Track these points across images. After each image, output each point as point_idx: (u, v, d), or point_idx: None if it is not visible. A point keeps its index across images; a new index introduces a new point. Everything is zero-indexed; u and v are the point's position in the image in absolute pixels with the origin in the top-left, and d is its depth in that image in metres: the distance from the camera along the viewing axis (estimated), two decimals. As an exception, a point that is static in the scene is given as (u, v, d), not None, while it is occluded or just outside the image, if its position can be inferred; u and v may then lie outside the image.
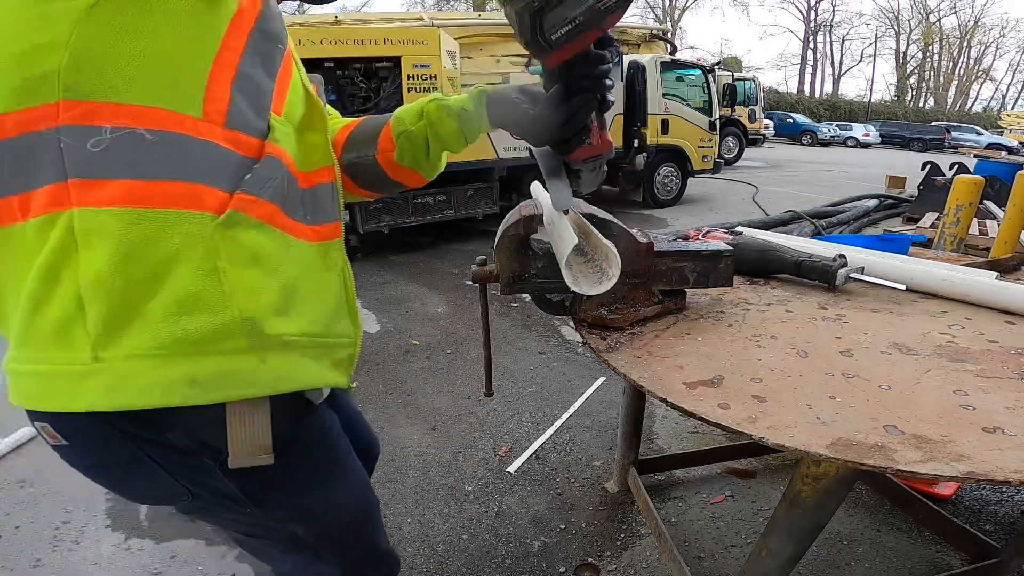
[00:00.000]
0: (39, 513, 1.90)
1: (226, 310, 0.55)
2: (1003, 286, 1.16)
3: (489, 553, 1.67)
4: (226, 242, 0.55)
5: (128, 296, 0.52)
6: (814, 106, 30.31)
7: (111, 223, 0.50)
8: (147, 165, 0.52)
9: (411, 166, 0.83)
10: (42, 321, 0.52)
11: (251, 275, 0.57)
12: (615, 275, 0.97)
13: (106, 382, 0.52)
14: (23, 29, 0.48)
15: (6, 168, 0.51)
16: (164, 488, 0.64)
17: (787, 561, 0.97)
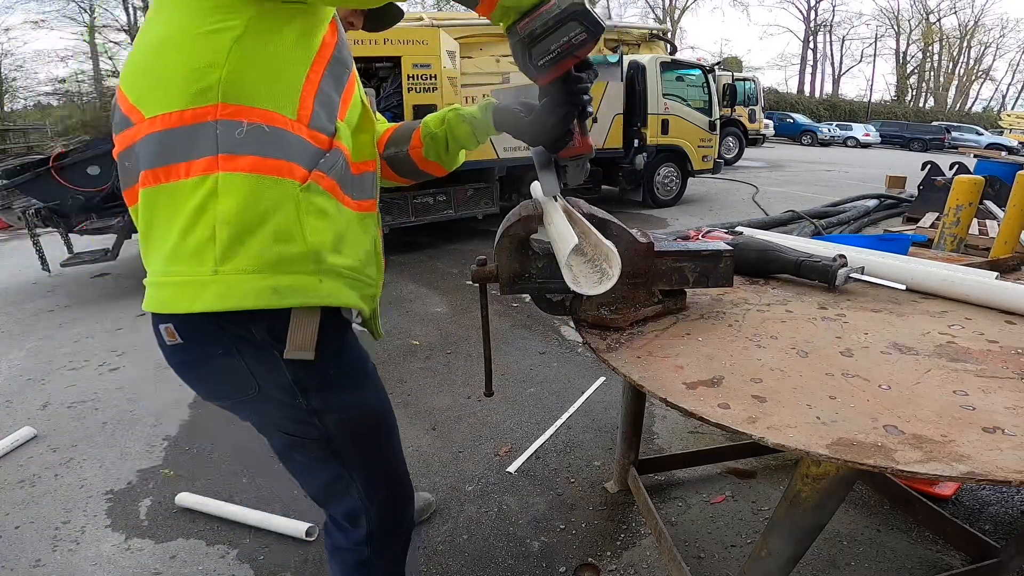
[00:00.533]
0: (39, 513, 1.90)
1: (302, 244, 0.81)
2: (1003, 286, 1.16)
3: (489, 553, 1.67)
4: (305, 201, 0.81)
5: (243, 230, 0.77)
6: (814, 106, 30.31)
7: (240, 183, 0.76)
8: (264, 147, 0.77)
9: (435, 160, 1.09)
10: (186, 244, 0.77)
11: (318, 224, 0.83)
12: (615, 275, 0.97)
13: (219, 290, 0.77)
14: (198, 52, 0.74)
15: (181, 145, 0.76)
16: (239, 381, 0.88)
17: (787, 561, 0.97)
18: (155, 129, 0.76)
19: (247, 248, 0.78)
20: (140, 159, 0.78)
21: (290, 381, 0.87)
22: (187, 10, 0.75)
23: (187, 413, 2.54)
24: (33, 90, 23.05)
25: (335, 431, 0.94)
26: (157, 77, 0.76)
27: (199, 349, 0.85)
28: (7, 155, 11.03)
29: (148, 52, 0.78)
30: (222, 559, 1.68)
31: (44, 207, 4.11)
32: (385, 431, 1.06)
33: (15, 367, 3.12)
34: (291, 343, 0.83)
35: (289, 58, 0.79)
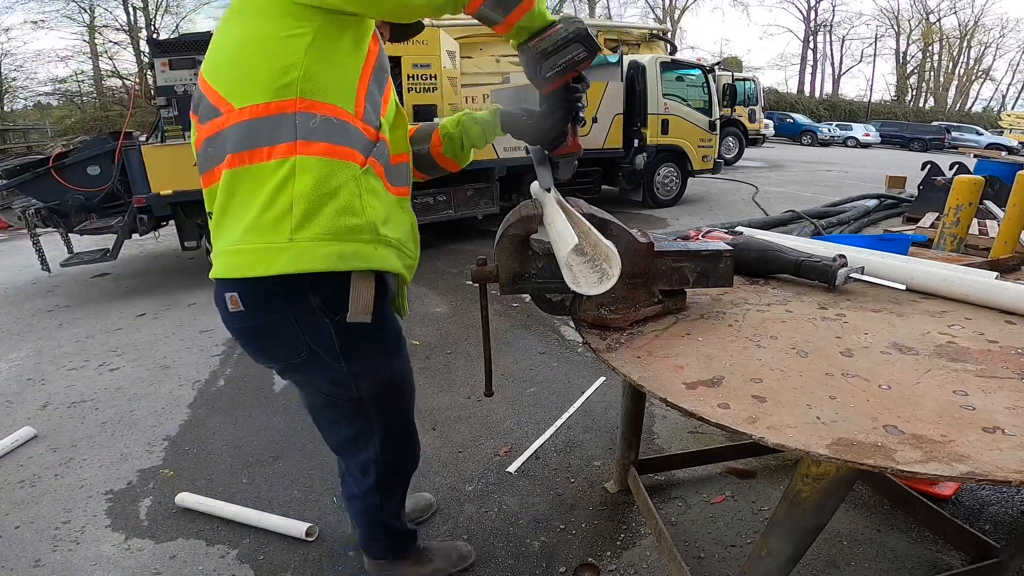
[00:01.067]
0: (39, 513, 1.90)
1: (363, 217, 0.97)
2: (1003, 286, 1.16)
3: (489, 553, 1.67)
4: (364, 182, 0.97)
5: (316, 204, 0.92)
6: (814, 106, 30.30)
7: (314, 165, 0.91)
8: (333, 136, 0.93)
9: (451, 157, 1.27)
10: (265, 217, 0.91)
11: (373, 201, 0.99)
12: (615, 275, 0.97)
13: (293, 255, 0.92)
14: (280, 54, 0.88)
15: (265, 132, 0.90)
16: (292, 346, 1.02)
17: (787, 561, 0.97)
18: (243, 118, 0.90)
19: (318, 220, 0.93)
20: (227, 143, 0.92)
21: (336, 347, 1.03)
22: (268, 18, 0.89)
23: (187, 413, 2.54)
24: (33, 90, 23.07)
25: (367, 393, 1.12)
26: (245, 73, 0.90)
27: (260, 316, 1.00)
28: (7, 155, 11.03)
29: (233, 50, 0.92)
30: (222, 559, 1.68)
31: (44, 207, 4.11)
32: (408, 394, 1.26)
33: (15, 367, 3.12)
34: (352, 308, 1.00)
35: (347, 62, 0.95)
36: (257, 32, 0.89)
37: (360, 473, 1.27)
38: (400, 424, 1.27)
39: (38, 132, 15.67)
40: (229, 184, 0.93)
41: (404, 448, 1.31)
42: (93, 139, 4.97)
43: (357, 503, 1.34)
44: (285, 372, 1.11)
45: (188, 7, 25.23)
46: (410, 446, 1.34)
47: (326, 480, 2.03)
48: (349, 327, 1.01)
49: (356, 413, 1.15)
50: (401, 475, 1.36)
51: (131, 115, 5.38)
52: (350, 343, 1.04)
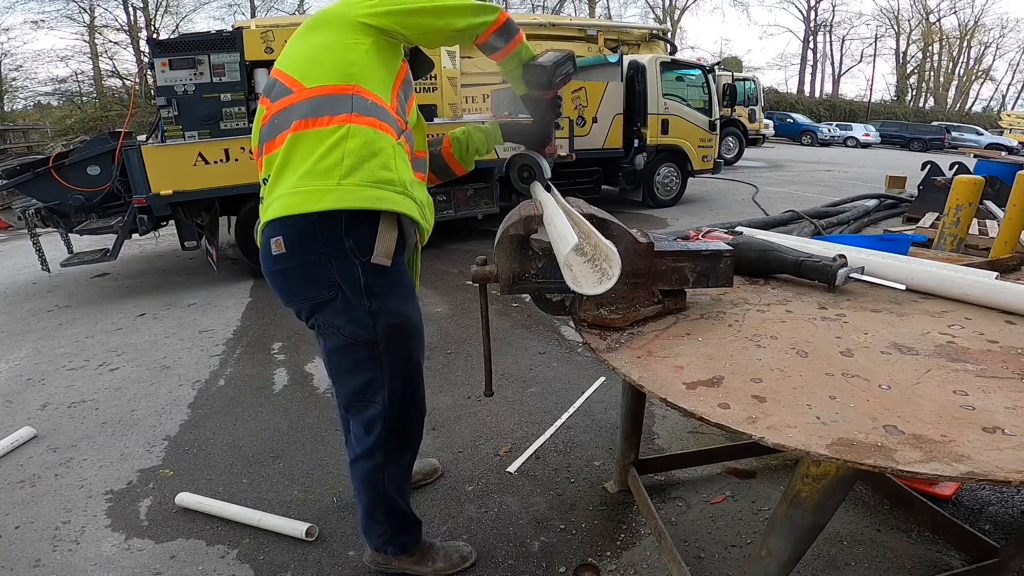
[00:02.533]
0: (39, 513, 1.90)
1: (396, 173, 1.19)
2: (1003, 286, 1.16)
3: (489, 553, 1.67)
4: (399, 150, 1.22)
5: (361, 159, 1.15)
6: (814, 106, 30.28)
7: (363, 131, 1.15)
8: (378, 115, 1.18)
9: (458, 158, 1.52)
10: (320, 166, 1.13)
11: (404, 166, 1.22)
12: (615, 275, 0.97)
13: (339, 195, 1.13)
14: (347, 53, 1.17)
15: (328, 105, 1.15)
16: (323, 285, 1.20)
17: (787, 561, 0.97)
18: (313, 94, 1.16)
19: (362, 171, 1.15)
20: (295, 112, 1.16)
21: (362, 285, 1.21)
22: (340, 30, 1.18)
23: (187, 413, 2.54)
24: (33, 90, 23.06)
25: (382, 334, 1.26)
26: (318, 65, 1.18)
27: (298, 257, 1.18)
28: (7, 155, 11.03)
29: (311, 49, 1.20)
30: (222, 559, 1.68)
31: (44, 207, 4.11)
32: (417, 344, 1.37)
33: (15, 367, 3.12)
34: (377, 251, 1.19)
35: (389, 68, 1.23)
36: (331, 38, 1.19)
37: (364, 431, 1.35)
38: (409, 376, 1.35)
39: (38, 132, 15.65)
40: (291, 144, 1.16)
41: (408, 406, 1.37)
42: (93, 139, 4.96)
43: (360, 465, 1.38)
44: (313, 313, 1.24)
45: (188, 7, 25.26)
46: (414, 406, 1.40)
47: (326, 480, 2.03)
48: (374, 269, 1.20)
49: (370, 358, 1.27)
50: (405, 442, 1.41)
51: (131, 115, 5.37)
52: (373, 282, 1.21)
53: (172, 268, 5.23)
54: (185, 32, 14.34)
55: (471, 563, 1.61)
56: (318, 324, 1.26)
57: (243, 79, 4.40)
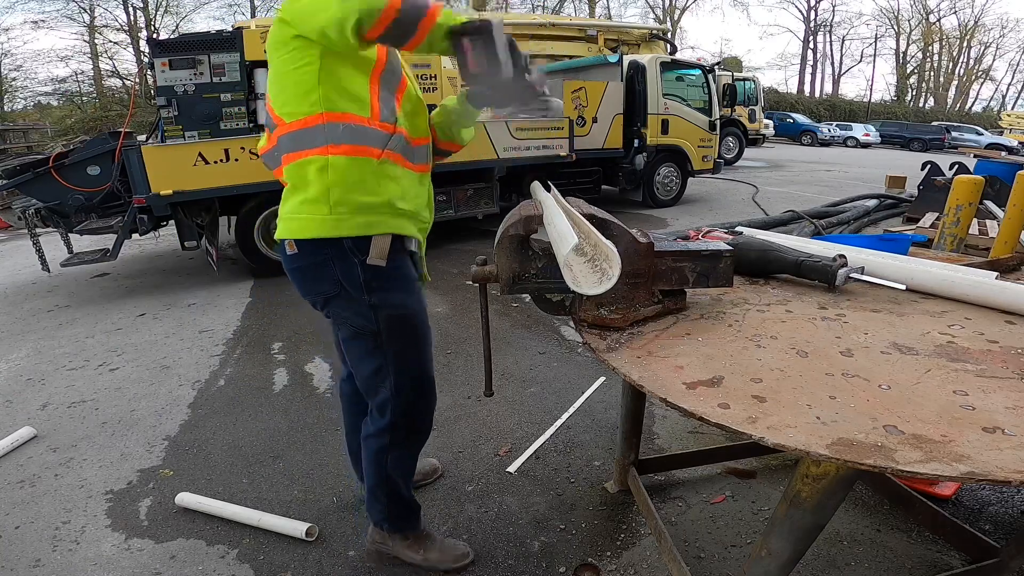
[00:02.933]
0: (39, 513, 1.90)
1: (380, 197, 1.25)
2: (1003, 286, 1.16)
3: (489, 553, 1.67)
4: (380, 170, 1.24)
5: (345, 189, 1.21)
6: (814, 106, 30.27)
7: (341, 162, 1.20)
8: (354, 138, 1.20)
9: (447, 139, 1.49)
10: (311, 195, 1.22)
11: (390, 184, 1.26)
12: (615, 275, 0.97)
13: (332, 224, 1.22)
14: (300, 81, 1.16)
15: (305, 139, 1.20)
16: (329, 282, 1.29)
17: (787, 561, 0.97)
18: (291, 129, 1.21)
19: (348, 201, 1.22)
20: (283, 147, 1.24)
21: (362, 281, 1.28)
22: (282, 55, 1.16)
23: (187, 413, 2.54)
24: (33, 90, 23.06)
25: (383, 325, 1.33)
26: (283, 98, 1.21)
27: (308, 258, 1.28)
28: (7, 155, 11.03)
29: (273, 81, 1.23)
30: (222, 559, 1.68)
31: (44, 207, 4.11)
32: (420, 334, 1.41)
33: (15, 367, 3.12)
34: (372, 253, 1.26)
35: (355, 78, 1.19)
36: (281, 67, 1.18)
37: (378, 412, 1.44)
38: (414, 367, 1.41)
39: (38, 132, 15.66)
40: (289, 173, 1.25)
41: (417, 396, 1.44)
42: (93, 139, 4.97)
43: (370, 443, 1.47)
44: (326, 305, 1.35)
45: (188, 7, 25.27)
46: (423, 397, 1.47)
47: (326, 480, 2.03)
48: (372, 267, 1.28)
49: (375, 346, 1.36)
50: (413, 430, 1.48)
51: (131, 115, 5.37)
52: (372, 278, 1.29)
53: (172, 268, 5.23)
54: (185, 32, 14.35)
55: (466, 563, 1.60)
56: (331, 315, 1.38)
57: (243, 79, 4.40)
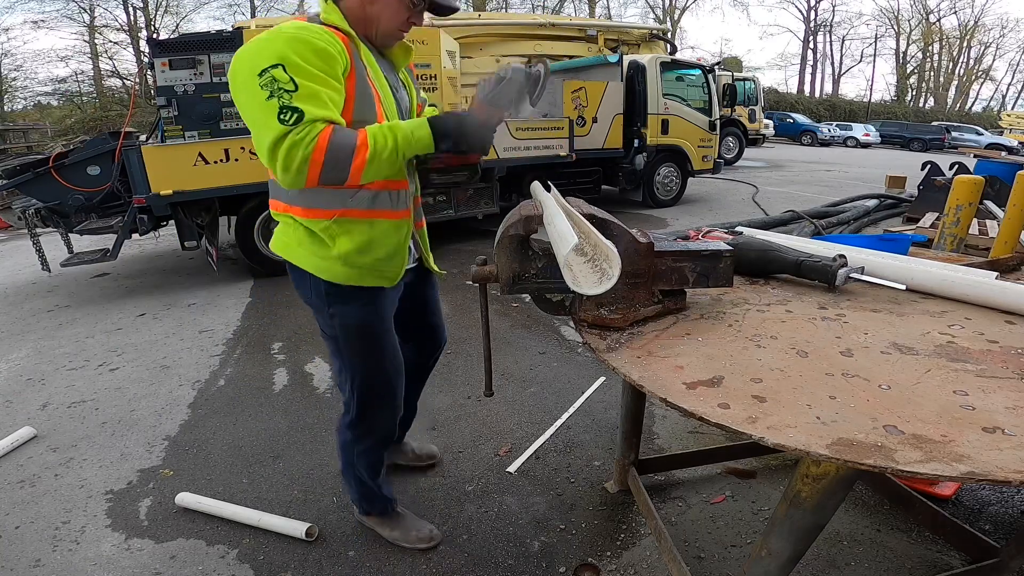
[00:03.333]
0: (39, 513, 1.90)
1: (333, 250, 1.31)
2: (1003, 286, 1.16)
3: (489, 553, 1.67)
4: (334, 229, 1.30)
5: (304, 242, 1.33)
6: (814, 106, 30.26)
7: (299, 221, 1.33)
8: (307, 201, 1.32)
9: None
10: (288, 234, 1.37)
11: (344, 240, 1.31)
12: (615, 275, 0.97)
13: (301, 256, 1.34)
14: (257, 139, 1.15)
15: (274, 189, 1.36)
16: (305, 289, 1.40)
17: (787, 561, 0.97)
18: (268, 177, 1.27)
19: (307, 249, 1.33)
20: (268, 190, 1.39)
21: (324, 292, 1.37)
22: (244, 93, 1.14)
23: (187, 413, 2.54)
24: (33, 90, 23.06)
25: (341, 334, 1.42)
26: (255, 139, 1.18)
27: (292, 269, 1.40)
28: (7, 155, 11.03)
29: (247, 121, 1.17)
30: (222, 559, 1.68)
31: (44, 207, 4.11)
32: (379, 346, 1.46)
33: (15, 367, 3.12)
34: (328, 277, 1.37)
35: None
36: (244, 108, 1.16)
37: (345, 408, 1.57)
38: (370, 375, 1.48)
39: (38, 132, 15.66)
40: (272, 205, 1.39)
41: (375, 401, 1.52)
42: (93, 139, 4.97)
43: (340, 434, 1.62)
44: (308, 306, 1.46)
45: (188, 7, 25.27)
46: (381, 403, 1.53)
47: (326, 480, 2.03)
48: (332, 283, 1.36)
49: (336, 350, 1.47)
50: (371, 430, 1.57)
51: (131, 115, 5.37)
52: (332, 292, 1.37)
53: (172, 268, 5.23)
54: (185, 32, 14.35)
55: (432, 545, 1.70)
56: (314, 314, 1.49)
57: (243, 79, 4.39)
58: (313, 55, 1.11)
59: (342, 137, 1.11)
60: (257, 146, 1.13)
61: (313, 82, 1.10)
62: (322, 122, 1.10)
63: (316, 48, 1.12)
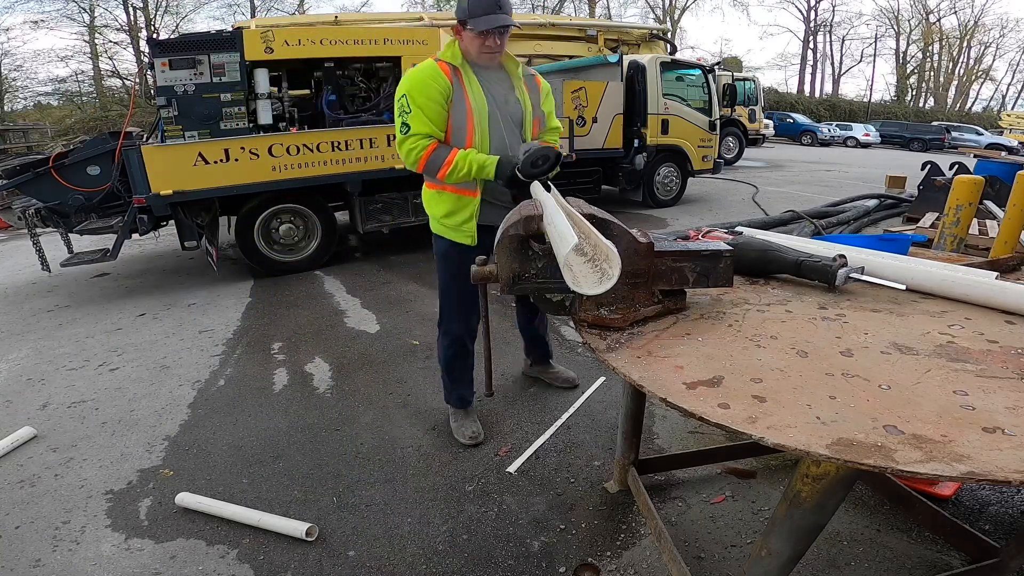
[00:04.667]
0: (39, 513, 1.90)
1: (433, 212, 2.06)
2: (1003, 286, 1.16)
3: (489, 553, 1.67)
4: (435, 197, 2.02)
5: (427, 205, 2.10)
6: (814, 106, 30.24)
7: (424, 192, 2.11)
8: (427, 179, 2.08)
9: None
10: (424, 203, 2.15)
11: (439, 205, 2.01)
12: (615, 275, 0.97)
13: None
14: None
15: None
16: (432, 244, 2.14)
17: (787, 561, 0.97)
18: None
19: (430, 214, 2.05)
20: None
21: (433, 239, 2.09)
22: None
23: (187, 413, 2.54)
24: (33, 90, 23.07)
25: (436, 258, 2.12)
26: None
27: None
28: (7, 155, 11.03)
29: None
30: (222, 559, 1.68)
31: (44, 207, 4.11)
32: (448, 295, 2.14)
33: (15, 367, 3.12)
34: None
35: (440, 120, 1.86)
36: None
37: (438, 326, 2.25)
38: (443, 312, 2.19)
39: (38, 132, 15.66)
40: None
41: (441, 332, 2.21)
42: (93, 139, 4.96)
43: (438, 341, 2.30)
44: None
45: (188, 7, 25.27)
46: (450, 316, 2.16)
47: (326, 480, 2.03)
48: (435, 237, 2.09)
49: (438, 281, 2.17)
50: (445, 333, 2.20)
51: (131, 115, 5.37)
52: (436, 238, 2.08)
53: (172, 268, 5.23)
54: (185, 32, 14.35)
55: (474, 443, 2.20)
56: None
57: (243, 79, 4.39)
58: (421, 89, 1.77)
59: (437, 155, 1.82)
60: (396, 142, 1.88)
61: (418, 108, 1.77)
62: (426, 137, 1.81)
63: (424, 84, 1.77)
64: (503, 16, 1.75)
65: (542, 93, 2.06)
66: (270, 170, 4.41)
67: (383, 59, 5.03)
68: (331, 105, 4.86)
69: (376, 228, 5.08)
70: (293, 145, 4.44)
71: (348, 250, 5.60)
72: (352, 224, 5.32)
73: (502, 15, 1.75)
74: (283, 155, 4.43)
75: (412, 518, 1.83)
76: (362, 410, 2.53)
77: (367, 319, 3.69)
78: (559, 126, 2.21)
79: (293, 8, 26.38)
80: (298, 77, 4.89)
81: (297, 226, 4.77)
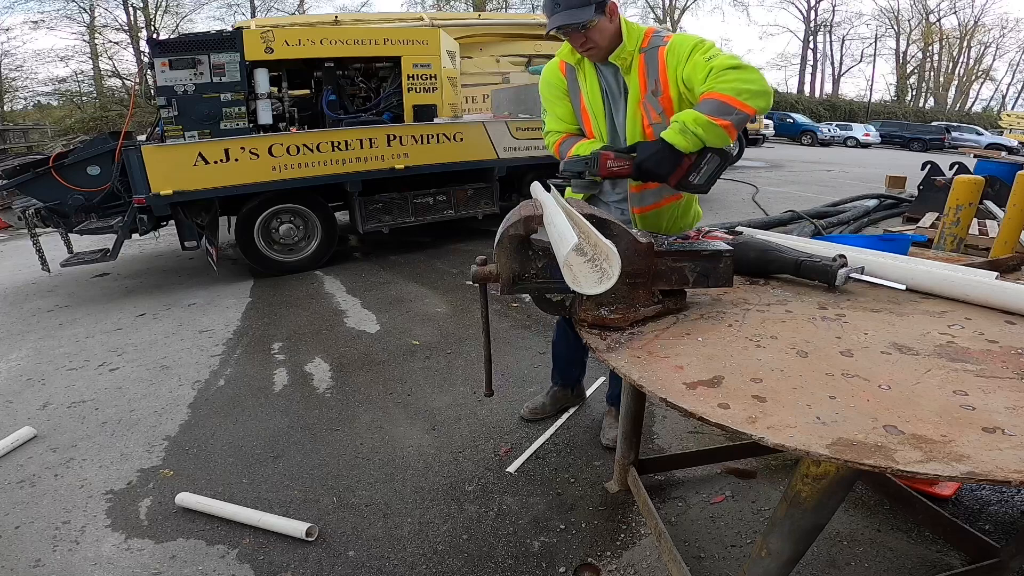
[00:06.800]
0: (39, 513, 1.90)
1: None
2: (1003, 286, 1.16)
3: (489, 553, 1.67)
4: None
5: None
6: (814, 106, 30.27)
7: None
8: None
9: None
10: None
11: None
12: (615, 275, 0.97)
13: None
14: None
15: None
16: None
17: (787, 561, 0.97)
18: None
19: None
20: None
21: None
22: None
23: (187, 413, 2.54)
24: (33, 90, 23.08)
25: None
26: None
27: None
28: (7, 155, 11.03)
29: None
30: (222, 559, 1.68)
31: (44, 207, 4.11)
32: None
33: (15, 367, 3.12)
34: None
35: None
36: None
37: None
38: None
39: (38, 132, 15.66)
40: None
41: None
42: (93, 139, 4.96)
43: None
44: None
45: (188, 7, 25.29)
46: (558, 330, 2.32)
47: (326, 480, 2.03)
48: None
49: None
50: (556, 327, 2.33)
51: (131, 115, 5.37)
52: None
53: (172, 268, 5.23)
54: (185, 32, 14.35)
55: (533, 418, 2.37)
56: None
57: (243, 79, 4.39)
58: (544, 88, 1.87)
59: (564, 145, 1.85)
60: None
61: (547, 104, 1.89)
62: (556, 132, 1.88)
63: (546, 83, 1.87)
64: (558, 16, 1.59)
65: (667, 63, 1.61)
66: (270, 170, 4.41)
67: (383, 59, 5.03)
68: (331, 105, 4.86)
69: (376, 228, 5.08)
70: (293, 145, 4.44)
71: (348, 250, 5.60)
72: (352, 224, 5.32)
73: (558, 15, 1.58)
74: (283, 155, 4.43)
75: (412, 518, 1.83)
76: (362, 410, 2.53)
77: (367, 319, 3.69)
78: (715, 69, 1.47)
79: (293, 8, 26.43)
80: (298, 77, 4.90)
81: (297, 226, 4.77)
